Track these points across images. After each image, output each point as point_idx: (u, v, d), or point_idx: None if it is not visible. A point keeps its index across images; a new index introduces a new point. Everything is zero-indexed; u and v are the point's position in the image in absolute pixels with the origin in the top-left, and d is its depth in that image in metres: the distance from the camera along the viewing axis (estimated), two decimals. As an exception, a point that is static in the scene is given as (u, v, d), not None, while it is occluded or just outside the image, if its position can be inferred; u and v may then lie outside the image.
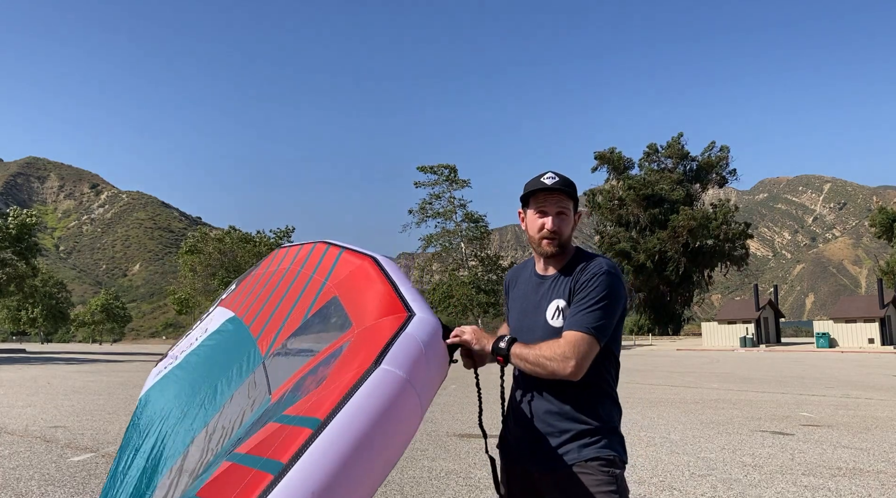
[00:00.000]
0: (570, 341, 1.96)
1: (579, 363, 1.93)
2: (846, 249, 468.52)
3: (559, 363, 1.93)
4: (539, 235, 2.14)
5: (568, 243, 2.18)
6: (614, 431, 2.11)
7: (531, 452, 2.11)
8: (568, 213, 2.15)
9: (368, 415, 1.48)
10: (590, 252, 2.21)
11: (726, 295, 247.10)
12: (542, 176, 2.15)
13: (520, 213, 2.26)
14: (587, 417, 2.06)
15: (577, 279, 2.09)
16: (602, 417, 2.08)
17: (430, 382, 1.76)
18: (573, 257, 2.19)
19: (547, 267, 2.21)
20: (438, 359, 1.86)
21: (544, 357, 1.95)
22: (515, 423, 2.18)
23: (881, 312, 42.11)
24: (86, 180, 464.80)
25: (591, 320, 1.99)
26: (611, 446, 2.07)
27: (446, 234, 64.14)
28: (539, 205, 2.14)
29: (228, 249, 59.10)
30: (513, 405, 2.21)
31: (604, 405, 2.10)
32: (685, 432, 8.92)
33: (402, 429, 1.57)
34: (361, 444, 1.42)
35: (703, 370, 22.39)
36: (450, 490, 5.85)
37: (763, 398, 13.39)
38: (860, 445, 7.97)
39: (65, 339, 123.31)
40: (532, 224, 2.17)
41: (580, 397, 2.06)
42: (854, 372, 21.09)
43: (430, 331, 1.90)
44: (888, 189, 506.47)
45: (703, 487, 5.95)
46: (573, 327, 1.99)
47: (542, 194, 2.13)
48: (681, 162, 75.23)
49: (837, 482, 6.13)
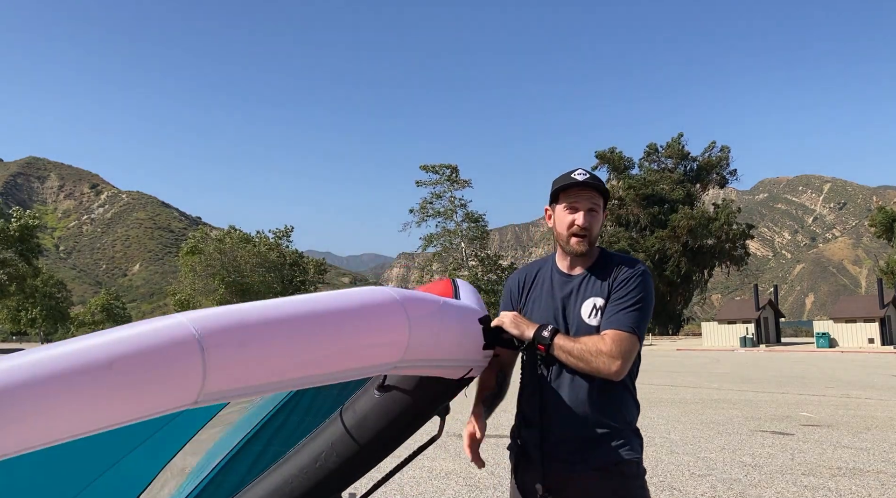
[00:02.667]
0: (615, 340, 1.92)
1: (625, 363, 1.91)
2: (846, 249, 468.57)
3: (605, 360, 1.89)
4: (569, 232, 2.09)
5: (595, 241, 2.13)
6: (636, 432, 2.07)
7: (551, 454, 2.03)
8: (598, 209, 2.10)
9: (342, 298, 1.51)
10: (616, 252, 2.19)
11: (726, 295, 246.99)
12: (573, 172, 2.10)
13: (546, 210, 2.20)
14: (611, 418, 2.01)
15: (614, 278, 2.05)
16: (626, 417, 2.04)
17: (431, 325, 1.73)
18: (601, 256, 2.15)
19: (574, 266, 2.15)
20: (455, 322, 1.85)
21: (589, 352, 1.91)
22: (532, 422, 2.09)
23: (881, 312, 42.06)
24: (86, 180, 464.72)
25: (632, 320, 1.96)
26: (634, 449, 2.03)
27: (447, 233, 64.12)
28: (570, 201, 2.09)
29: (229, 249, 59.07)
30: (527, 404, 2.12)
31: (626, 405, 2.06)
32: (685, 432, 8.91)
33: (375, 333, 1.54)
34: (320, 318, 1.43)
35: (703, 370, 22.38)
36: (450, 490, 5.85)
37: (763, 398, 13.38)
38: (860, 445, 7.97)
39: (64, 339, 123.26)
40: (561, 220, 2.11)
41: (604, 398, 2.01)
42: (854, 372, 21.08)
43: (463, 305, 1.91)
44: (888, 189, 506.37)
45: (703, 487, 5.95)
46: (616, 326, 1.95)
47: (573, 190, 2.08)
48: (681, 162, 75.20)
49: (837, 482, 6.13)
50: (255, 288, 58.41)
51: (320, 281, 70.22)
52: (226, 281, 56.84)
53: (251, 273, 58.66)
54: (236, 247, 59.66)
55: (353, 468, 2.05)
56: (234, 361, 1.25)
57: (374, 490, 2.19)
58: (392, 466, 2.12)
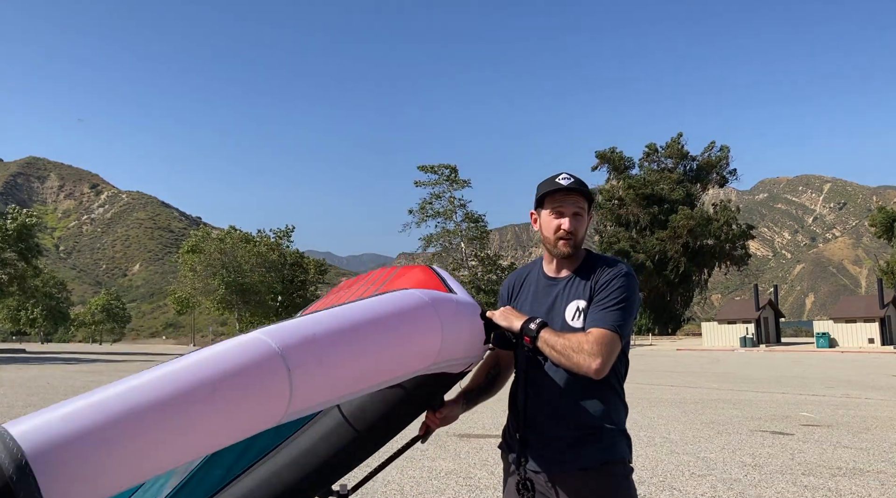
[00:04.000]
0: (597, 338, 1.93)
1: (605, 361, 1.91)
2: (846, 249, 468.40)
3: (585, 358, 1.90)
4: (555, 236, 2.11)
5: (581, 244, 2.15)
6: (623, 432, 2.09)
7: (537, 454, 2.05)
8: (583, 213, 2.13)
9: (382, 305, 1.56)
10: (601, 254, 2.21)
11: (726, 295, 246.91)
12: (557, 177, 2.12)
13: (532, 214, 2.23)
14: (598, 418, 2.02)
15: (596, 280, 2.07)
16: (612, 417, 2.05)
17: (455, 325, 1.74)
18: (586, 259, 2.17)
19: (560, 269, 2.17)
20: (467, 320, 1.88)
21: (571, 348, 1.92)
22: (519, 421, 2.11)
23: (881, 311, 42.09)
24: (86, 180, 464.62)
25: (614, 319, 1.97)
26: (621, 449, 2.05)
27: (446, 233, 64.20)
28: (555, 205, 2.11)
29: (229, 248, 59.07)
30: (516, 402, 2.14)
31: (614, 406, 2.07)
32: (685, 432, 8.91)
33: (414, 337, 1.57)
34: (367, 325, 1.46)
35: (703, 370, 22.39)
36: (450, 490, 5.85)
37: (763, 398, 13.39)
38: (860, 445, 7.97)
39: (65, 339, 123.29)
40: (547, 225, 2.14)
41: (591, 397, 2.03)
42: (854, 372, 21.09)
43: (468, 301, 1.95)
44: (888, 189, 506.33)
45: (703, 487, 5.96)
46: (598, 324, 1.97)
47: (558, 195, 2.11)
48: (681, 162, 75.23)
49: (837, 482, 6.13)
50: (256, 288, 58.45)
51: (320, 281, 70.26)
52: (226, 280, 56.84)
53: (251, 273, 58.67)
54: (237, 246, 59.65)
55: (346, 457, 2.06)
56: (316, 377, 1.28)
57: (366, 481, 2.21)
58: (379, 462, 2.16)
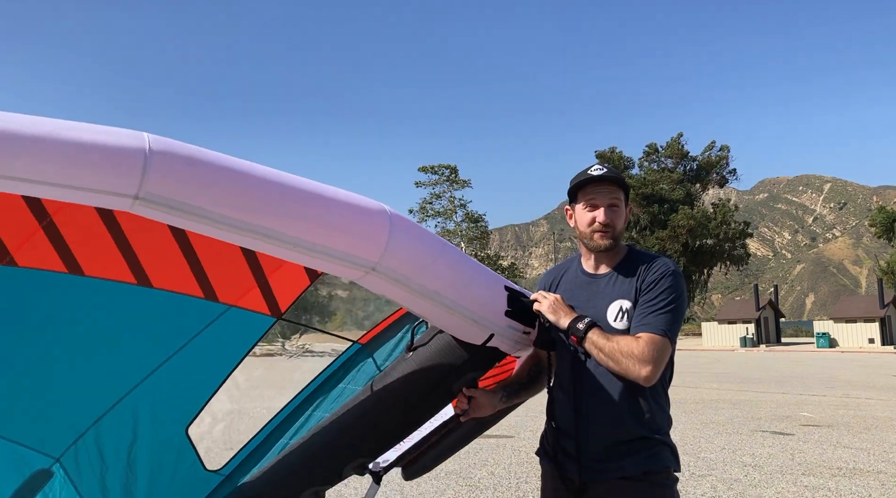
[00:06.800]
0: (648, 343, 1.83)
1: (656, 368, 1.83)
2: (846, 248, 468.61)
3: (635, 364, 1.81)
4: (590, 229, 2.00)
5: (620, 237, 2.04)
6: (667, 441, 1.99)
7: (576, 461, 1.96)
8: (620, 204, 2.01)
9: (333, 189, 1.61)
10: (644, 250, 2.10)
11: (726, 295, 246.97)
12: (589, 168, 2.03)
13: (567, 209, 2.11)
14: (641, 426, 1.93)
15: (643, 278, 1.95)
16: (656, 426, 1.96)
17: (417, 244, 1.71)
18: (628, 255, 2.06)
19: (598, 265, 2.06)
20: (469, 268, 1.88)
21: (621, 352, 1.83)
22: (560, 426, 2.03)
23: (881, 311, 42.06)
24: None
25: (664, 323, 1.87)
26: (665, 457, 1.95)
27: (446, 233, 64.20)
28: (589, 198, 2.00)
29: (228, 248, 59.16)
30: (558, 407, 2.05)
31: (658, 413, 1.97)
32: (685, 432, 8.91)
33: (351, 219, 1.58)
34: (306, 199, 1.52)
35: (703, 370, 22.38)
36: (450, 490, 5.85)
37: (763, 398, 13.39)
38: (860, 445, 7.97)
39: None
40: (581, 218, 2.02)
41: (635, 404, 1.93)
42: (854, 372, 21.08)
43: (476, 263, 1.94)
44: (888, 189, 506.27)
45: (703, 487, 5.96)
46: (649, 329, 1.87)
47: (591, 186, 2.00)
48: (681, 162, 75.19)
49: (837, 482, 6.13)
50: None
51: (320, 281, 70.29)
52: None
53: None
54: (236, 247, 59.74)
55: (368, 427, 2.03)
56: (176, 170, 1.34)
57: (402, 461, 2.27)
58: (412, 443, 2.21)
